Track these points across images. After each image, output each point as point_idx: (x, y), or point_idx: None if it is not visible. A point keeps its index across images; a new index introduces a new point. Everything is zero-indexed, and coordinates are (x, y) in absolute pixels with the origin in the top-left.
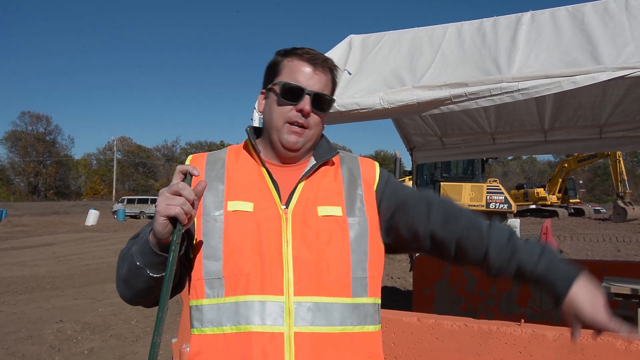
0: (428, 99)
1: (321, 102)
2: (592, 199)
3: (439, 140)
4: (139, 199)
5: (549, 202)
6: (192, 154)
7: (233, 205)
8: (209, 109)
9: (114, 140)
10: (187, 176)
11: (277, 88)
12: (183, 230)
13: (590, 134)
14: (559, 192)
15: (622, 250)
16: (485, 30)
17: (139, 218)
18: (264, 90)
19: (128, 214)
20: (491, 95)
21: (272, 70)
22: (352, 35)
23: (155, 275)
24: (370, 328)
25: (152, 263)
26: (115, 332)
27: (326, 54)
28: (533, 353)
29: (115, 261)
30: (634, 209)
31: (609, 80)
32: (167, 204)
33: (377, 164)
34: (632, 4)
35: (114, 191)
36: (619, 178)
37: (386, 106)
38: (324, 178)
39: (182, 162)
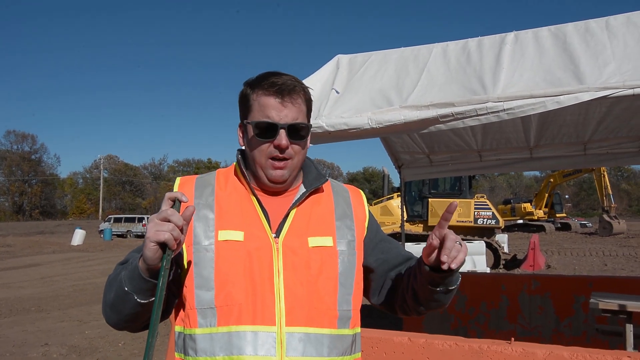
0: (416, 119)
1: (297, 132)
2: (578, 213)
3: (427, 157)
4: (126, 218)
5: (536, 217)
6: (179, 175)
7: (224, 235)
8: (196, 126)
9: (100, 159)
10: (175, 202)
11: (250, 127)
12: (172, 256)
13: (575, 151)
14: (545, 206)
15: (609, 265)
16: (470, 50)
17: (126, 237)
18: (240, 124)
19: (115, 233)
20: (477, 115)
21: (244, 105)
22: (339, 55)
23: (142, 301)
24: (348, 359)
25: (140, 289)
26: (102, 355)
27: (314, 74)
28: None
29: (102, 282)
30: (619, 222)
31: (592, 100)
32: (157, 230)
33: (364, 197)
34: (612, 23)
35: (100, 210)
36: (604, 192)
37: (374, 126)
38: (315, 205)
39: (170, 180)
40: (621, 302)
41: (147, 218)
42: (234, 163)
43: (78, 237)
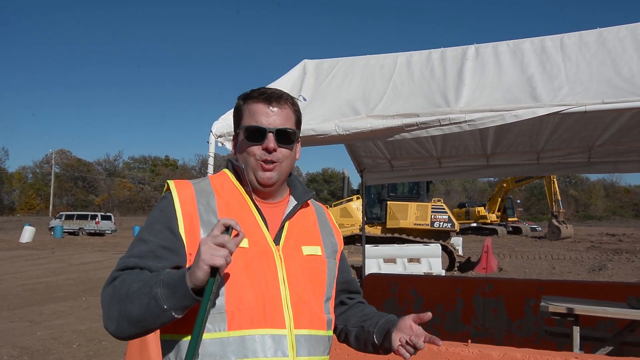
0: (382, 127)
1: (285, 137)
2: (529, 217)
3: (388, 163)
4: (78, 215)
5: (489, 221)
6: (135, 171)
7: None
8: (153, 123)
9: (52, 153)
10: (228, 230)
11: (241, 132)
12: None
13: (529, 159)
14: (498, 210)
15: (557, 268)
16: (433, 63)
17: (78, 235)
18: (234, 135)
19: (66, 230)
20: (440, 125)
21: (236, 116)
22: (306, 60)
23: (178, 317)
24: (327, 357)
25: (182, 307)
26: (56, 357)
27: (281, 78)
28: None
29: (54, 281)
30: (567, 227)
31: (546, 115)
32: (212, 254)
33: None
34: (566, 42)
35: (50, 206)
36: (554, 198)
37: (341, 132)
38: (303, 219)
39: (125, 177)
40: (569, 305)
41: (100, 215)
42: (223, 170)
43: (27, 234)
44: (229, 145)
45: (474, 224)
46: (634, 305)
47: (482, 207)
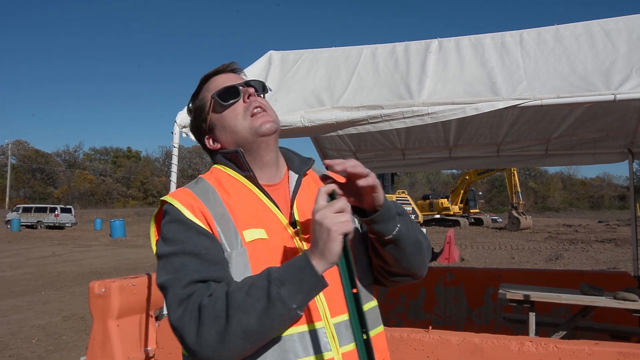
0: (346, 119)
1: (257, 86)
2: (490, 209)
3: (353, 155)
4: (36, 208)
5: (452, 212)
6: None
7: (249, 235)
8: (115, 114)
9: (8, 144)
10: (332, 195)
11: (214, 103)
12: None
13: (489, 152)
14: (461, 202)
15: (516, 257)
16: (397, 55)
17: (36, 228)
18: (207, 134)
19: (24, 223)
20: (404, 118)
21: (200, 109)
22: (271, 51)
23: (301, 313)
24: (380, 328)
25: (309, 300)
26: (15, 352)
27: (246, 69)
28: (440, 357)
29: (11, 275)
30: (526, 218)
31: (505, 108)
32: (339, 221)
33: None
34: (525, 38)
35: (7, 199)
36: (514, 190)
37: (307, 124)
38: (310, 192)
39: (85, 169)
40: (525, 293)
41: (60, 208)
42: (213, 167)
43: None
44: (193, 136)
45: (438, 216)
46: (586, 291)
47: (445, 199)
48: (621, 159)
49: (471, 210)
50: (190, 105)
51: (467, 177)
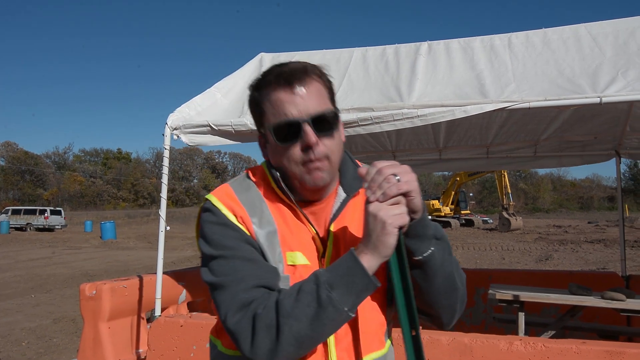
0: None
1: (324, 123)
2: (481, 210)
3: None
4: (25, 210)
5: (443, 214)
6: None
7: (291, 258)
8: (105, 115)
9: None
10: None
11: (270, 135)
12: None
13: (479, 154)
14: (452, 203)
15: (507, 258)
16: (388, 57)
17: (25, 230)
18: (259, 135)
19: (13, 225)
20: (394, 120)
21: (255, 112)
22: (262, 53)
23: (352, 315)
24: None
25: (360, 301)
26: (5, 355)
27: (237, 71)
28: (430, 356)
29: (0, 278)
30: (516, 219)
31: (494, 110)
32: (394, 213)
33: None
34: (513, 41)
35: None
36: (504, 191)
37: None
38: (353, 214)
39: (75, 170)
40: (515, 293)
41: (50, 210)
42: (261, 165)
43: None
44: (184, 138)
45: (429, 217)
46: (575, 291)
47: (437, 201)
48: (609, 159)
49: (462, 212)
50: (250, 94)
51: (458, 179)
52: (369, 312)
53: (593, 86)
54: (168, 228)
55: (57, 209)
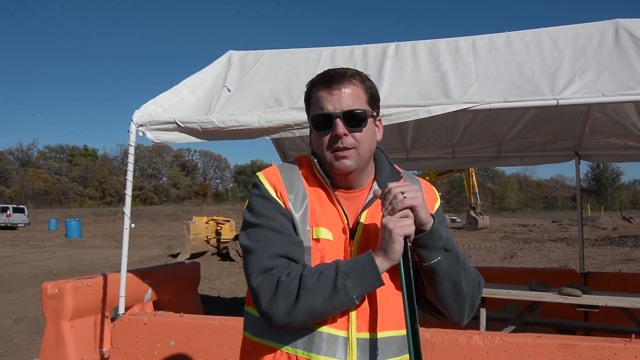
0: (303, 120)
1: (354, 119)
2: (449, 209)
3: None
4: None
5: None
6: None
7: (317, 232)
8: (70, 111)
9: None
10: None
11: (310, 123)
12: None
13: (445, 153)
14: None
15: (473, 257)
16: (356, 58)
17: None
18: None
19: None
20: None
21: (307, 104)
22: (231, 51)
23: (357, 302)
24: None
25: (366, 293)
26: None
27: (205, 68)
28: None
29: None
30: (483, 218)
31: (456, 111)
32: (402, 225)
33: (438, 198)
34: (477, 44)
35: None
36: (472, 191)
37: (264, 124)
38: None
39: (39, 167)
40: None
41: (12, 208)
42: (308, 156)
43: None
44: (150, 135)
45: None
46: (534, 287)
47: None
48: (569, 160)
49: None
50: (307, 90)
51: (427, 178)
52: (391, 296)
53: (551, 88)
54: (133, 225)
55: (20, 206)
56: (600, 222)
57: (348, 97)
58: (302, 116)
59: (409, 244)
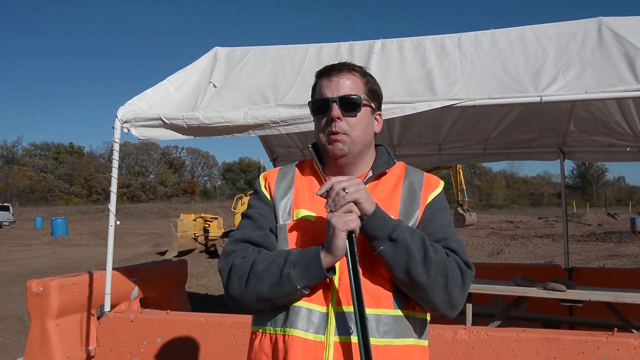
0: (289, 117)
1: (348, 104)
2: None
3: (300, 152)
4: None
5: None
6: (37, 159)
7: (298, 213)
8: (56, 107)
9: None
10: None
11: (310, 108)
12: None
13: (431, 150)
14: None
15: None
16: (342, 55)
17: None
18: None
19: None
20: None
21: (312, 95)
22: (217, 48)
23: (306, 293)
24: (407, 340)
25: (312, 284)
26: None
27: (191, 65)
28: None
29: None
30: (471, 215)
31: (442, 107)
32: (344, 220)
33: (439, 184)
34: (463, 41)
35: None
36: (459, 188)
37: (250, 121)
38: (381, 191)
39: (24, 165)
40: None
41: None
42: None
43: None
44: (135, 132)
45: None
46: (519, 283)
47: None
48: (554, 158)
49: None
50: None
51: None
52: (376, 279)
53: (535, 85)
54: (118, 223)
55: (5, 204)
56: (586, 219)
57: (346, 85)
58: (288, 113)
59: (354, 239)
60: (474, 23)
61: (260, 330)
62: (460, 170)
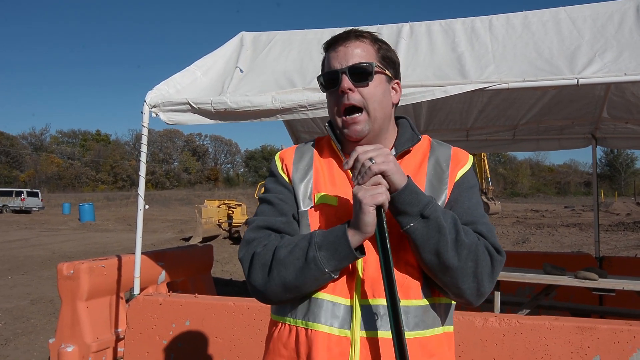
0: (317, 100)
1: (360, 73)
2: None
3: None
4: (1, 192)
5: None
6: (65, 146)
7: (320, 198)
8: (84, 95)
9: None
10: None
11: (320, 84)
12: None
13: (459, 137)
14: None
15: None
16: None
17: (2, 212)
18: None
19: None
20: None
21: (322, 70)
22: (243, 32)
23: (335, 277)
24: (435, 331)
25: (341, 267)
26: None
27: (218, 49)
28: None
29: None
30: (495, 204)
31: (473, 90)
32: (371, 194)
33: (470, 159)
34: (494, 24)
35: None
36: (484, 176)
37: (277, 105)
38: (405, 170)
39: (52, 152)
40: None
41: (26, 192)
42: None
43: None
44: (163, 116)
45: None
46: (549, 271)
47: None
48: (585, 144)
49: None
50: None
51: None
52: (403, 267)
53: (571, 67)
54: (147, 207)
55: (34, 190)
56: (614, 208)
57: (355, 54)
58: (316, 97)
59: (384, 214)
60: (505, 4)
61: (280, 321)
62: (485, 158)
